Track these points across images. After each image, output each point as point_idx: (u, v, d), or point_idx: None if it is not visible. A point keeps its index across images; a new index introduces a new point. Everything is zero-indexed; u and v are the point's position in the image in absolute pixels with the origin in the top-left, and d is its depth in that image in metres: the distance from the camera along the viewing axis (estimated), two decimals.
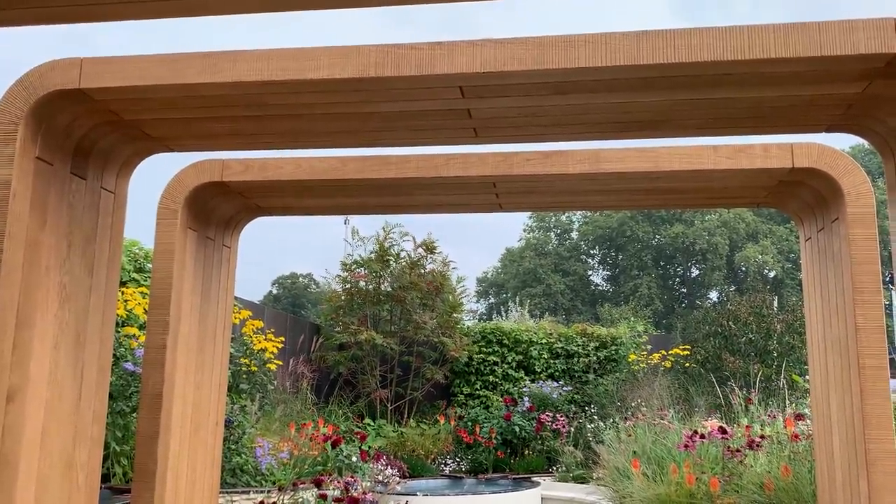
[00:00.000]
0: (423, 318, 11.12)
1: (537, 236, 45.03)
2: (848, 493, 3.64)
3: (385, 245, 11.56)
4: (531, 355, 11.97)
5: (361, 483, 6.82)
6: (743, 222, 38.92)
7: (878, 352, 3.54)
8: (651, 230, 41.42)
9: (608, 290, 43.27)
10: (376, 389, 11.20)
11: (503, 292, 42.74)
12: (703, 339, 10.30)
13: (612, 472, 5.98)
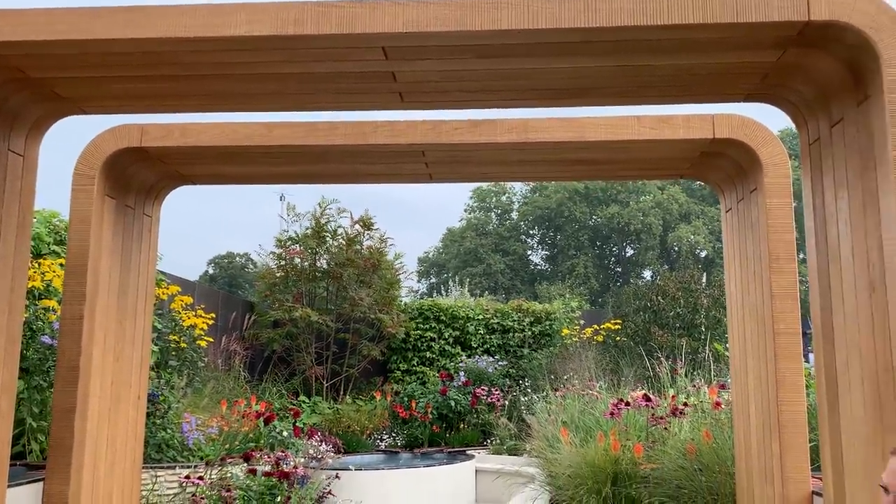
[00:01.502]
0: (360, 295, 11.06)
1: (478, 216, 45.20)
2: (762, 453, 3.78)
3: (321, 221, 11.43)
4: (468, 331, 12.05)
5: (294, 458, 6.76)
6: (676, 203, 39.82)
7: (791, 317, 3.66)
8: (588, 211, 42.04)
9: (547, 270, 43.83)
10: (312, 367, 11.11)
11: (444, 272, 42.85)
12: (634, 313, 10.53)
13: (542, 442, 6.08)
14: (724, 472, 4.42)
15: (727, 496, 4.29)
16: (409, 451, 9.91)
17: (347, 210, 11.57)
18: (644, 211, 39.59)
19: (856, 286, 2.75)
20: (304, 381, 11.24)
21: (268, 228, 65.22)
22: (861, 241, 2.70)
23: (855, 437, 2.82)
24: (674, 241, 38.79)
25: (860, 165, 2.71)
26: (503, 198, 45.37)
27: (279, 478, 5.82)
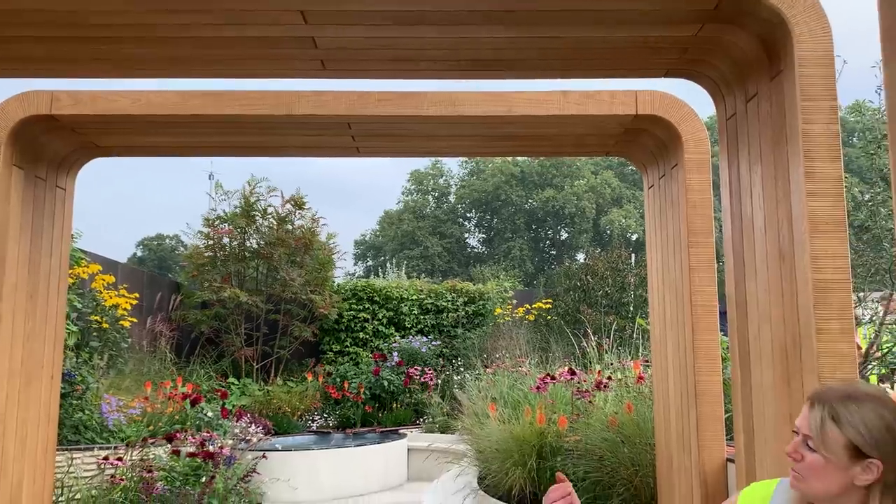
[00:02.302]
0: (292, 276, 10.90)
1: (416, 199, 45.10)
2: (680, 423, 3.88)
3: (251, 200, 11.19)
4: (402, 312, 12.03)
5: (221, 439, 6.64)
6: (609, 187, 40.55)
7: (707, 290, 3.75)
8: (524, 194, 42.43)
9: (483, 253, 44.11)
10: (241, 348, 10.92)
11: (381, 255, 42.69)
12: (564, 293, 10.70)
13: (472, 418, 6.12)
14: (645, 443, 4.53)
15: (647, 466, 4.40)
16: (341, 431, 9.86)
17: (278, 189, 11.35)
18: (578, 195, 40.19)
19: (767, 257, 2.83)
20: (234, 363, 11.04)
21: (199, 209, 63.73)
22: (773, 213, 2.78)
23: (765, 406, 2.91)
24: (606, 224, 39.53)
25: (772, 139, 2.78)
26: (440, 180, 45.38)
27: (204, 458, 5.70)
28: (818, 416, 1.64)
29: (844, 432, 1.61)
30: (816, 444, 1.63)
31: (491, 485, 5.35)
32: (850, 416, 1.62)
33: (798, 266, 2.57)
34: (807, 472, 1.64)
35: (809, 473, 1.63)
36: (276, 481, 7.71)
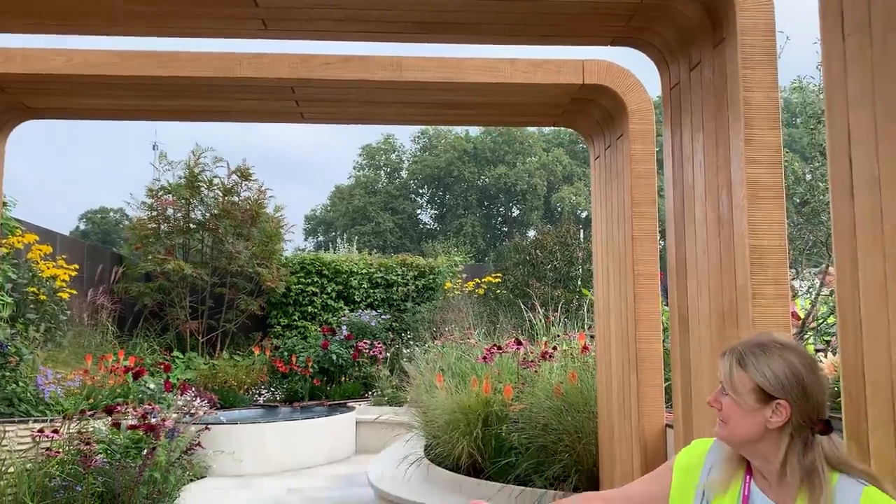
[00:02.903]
0: (238, 248, 10.71)
1: (367, 174, 44.72)
2: (622, 390, 3.94)
3: (195, 171, 10.93)
4: (351, 285, 11.95)
5: (163, 412, 6.52)
6: (560, 165, 40.83)
7: (649, 259, 3.80)
8: (476, 171, 42.45)
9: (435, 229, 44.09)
10: (186, 321, 10.71)
11: (332, 230, 42.31)
12: (514, 267, 10.76)
13: (419, 389, 6.13)
14: (588, 411, 4.59)
15: (590, 433, 4.47)
16: (288, 405, 9.79)
17: (224, 159, 11.11)
18: (530, 172, 40.38)
19: (707, 223, 2.87)
20: (179, 337, 10.84)
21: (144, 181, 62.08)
22: (713, 179, 2.81)
23: (702, 371, 2.97)
24: (557, 201, 39.85)
25: (714, 106, 2.81)
26: (393, 155, 45.07)
27: (146, 431, 5.60)
28: (728, 363, 1.72)
29: (751, 375, 1.67)
30: (728, 389, 1.70)
31: (437, 454, 5.38)
32: (755, 360, 1.68)
33: (736, 232, 2.62)
34: (725, 418, 1.71)
35: (727, 419, 1.70)
36: (221, 454, 7.63)
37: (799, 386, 1.65)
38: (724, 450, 1.80)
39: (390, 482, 5.18)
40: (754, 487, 1.73)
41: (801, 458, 1.65)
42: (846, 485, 1.61)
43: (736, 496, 1.74)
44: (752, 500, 1.72)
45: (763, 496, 1.71)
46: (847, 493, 1.59)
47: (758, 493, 1.72)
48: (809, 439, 1.66)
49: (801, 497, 1.64)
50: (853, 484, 1.61)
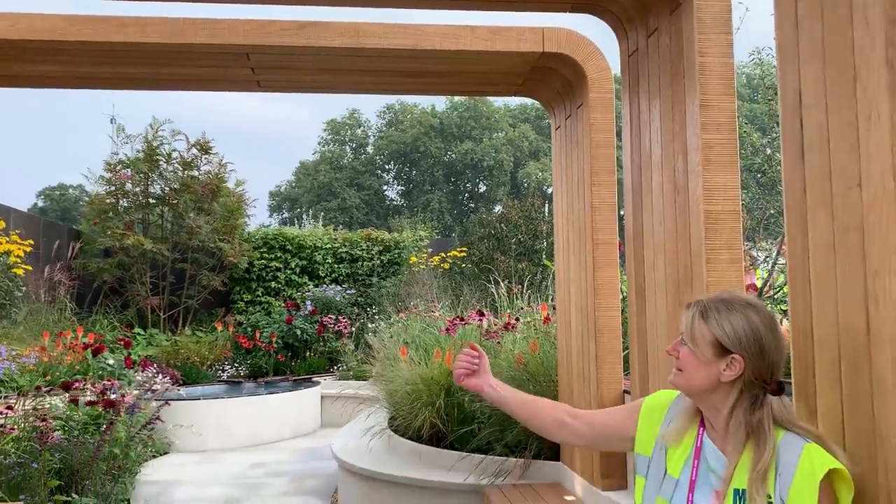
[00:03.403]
0: (198, 223, 10.54)
1: (332, 150, 44.28)
2: (581, 357, 3.96)
3: (154, 144, 10.70)
4: (315, 261, 11.87)
5: (123, 388, 6.43)
6: (526, 140, 40.86)
7: (608, 228, 3.81)
8: (443, 146, 42.29)
9: (402, 205, 43.92)
10: (147, 298, 10.56)
11: (297, 207, 41.89)
12: (479, 241, 10.76)
13: (383, 362, 6.12)
14: (549, 380, 4.62)
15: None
16: (252, 380, 9.73)
17: (182, 133, 10.89)
18: (496, 147, 40.35)
19: (663, 190, 2.88)
20: (140, 313, 10.68)
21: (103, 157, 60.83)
22: (669, 146, 2.82)
23: (658, 336, 2.99)
24: (524, 177, 39.92)
25: (671, 72, 2.80)
26: (358, 131, 44.67)
27: (105, 407, 5.51)
28: (691, 315, 1.76)
29: (711, 328, 1.71)
30: (687, 340, 1.74)
31: (400, 425, 5.39)
32: (717, 315, 1.71)
33: (691, 198, 2.63)
34: (681, 367, 1.75)
35: (683, 368, 1.74)
36: (184, 430, 7.57)
37: (756, 344, 1.68)
38: (684, 402, 1.84)
39: (353, 454, 5.18)
40: (706, 438, 1.77)
41: (748, 414, 1.68)
42: (790, 441, 1.64)
43: (690, 446, 1.78)
44: (704, 449, 1.75)
45: (713, 446, 1.74)
46: (790, 449, 1.63)
47: (709, 444, 1.75)
48: (760, 397, 1.69)
49: (748, 450, 1.67)
50: (797, 440, 1.64)
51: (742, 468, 1.66)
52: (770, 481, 1.62)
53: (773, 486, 1.62)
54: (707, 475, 1.72)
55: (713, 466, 1.72)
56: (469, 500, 4.30)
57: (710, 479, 1.71)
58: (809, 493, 1.58)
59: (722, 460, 1.71)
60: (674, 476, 1.77)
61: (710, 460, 1.73)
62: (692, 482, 1.74)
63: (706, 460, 1.74)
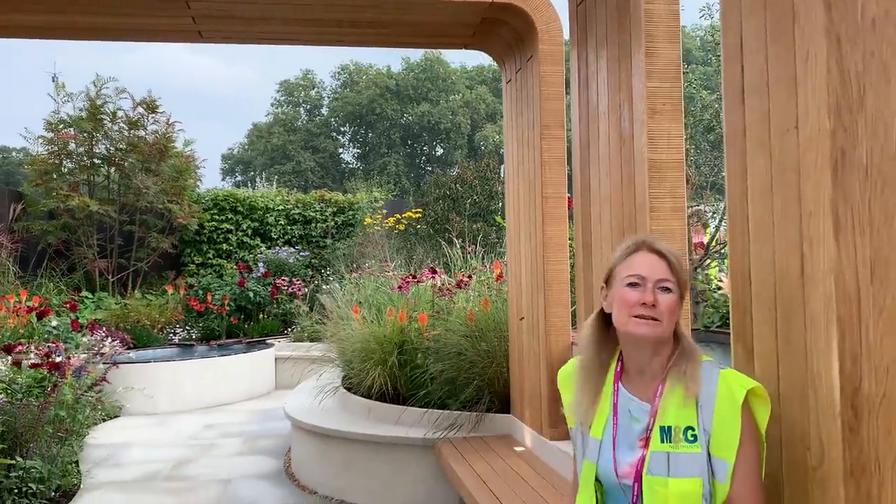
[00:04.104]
0: (146, 184, 10.26)
1: (286, 111, 43.49)
2: (531, 309, 3.98)
3: (97, 103, 10.34)
4: (268, 222, 11.69)
5: (70, 350, 6.29)
6: (483, 103, 40.67)
7: (558, 182, 3.81)
8: (399, 109, 41.86)
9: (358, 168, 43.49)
10: (94, 260, 10.29)
11: (251, 170, 41.17)
12: (434, 202, 10.72)
13: (336, 321, 6.09)
14: (500, 336, 4.65)
15: (501, 357, 4.54)
16: (205, 343, 9.61)
17: (127, 91, 10.54)
18: (453, 110, 40.11)
19: (609, 141, 2.88)
20: (87, 277, 10.43)
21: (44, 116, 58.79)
22: (615, 96, 2.80)
23: None
24: (481, 140, 39.82)
25: (617, 22, 2.78)
26: (312, 92, 43.93)
27: (50, 370, 5.39)
28: (671, 256, 1.71)
29: (685, 266, 1.73)
30: (671, 283, 1.68)
31: (353, 383, 5.39)
32: (678, 254, 1.72)
33: (636, 147, 2.63)
34: (661, 316, 1.67)
35: (663, 316, 1.67)
36: (136, 393, 7.47)
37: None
38: (580, 375, 1.79)
39: (306, 412, 5.17)
40: (623, 392, 1.76)
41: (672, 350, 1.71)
42: (705, 370, 1.67)
43: (607, 406, 1.76)
44: (622, 405, 1.74)
45: (631, 397, 1.74)
46: (706, 379, 1.65)
47: (627, 397, 1.75)
48: (680, 326, 1.72)
49: (671, 384, 1.68)
50: (711, 368, 1.67)
51: (667, 406, 1.67)
52: (692, 413, 1.65)
53: (696, 417, 1.64)
54: (630, 427, 1.72)
55: (637, 416, 1.71)
56: (421, 454, 4.34)
57: (633, 429, 1.71)
58: (732, 419, 1.61)
59: (645, 407, 1.71)
60: (597, 437, 1.76)
61: (633, 412, 1.72)
62: (614, 439, 1.73)
63: (628, 413, 1.73)
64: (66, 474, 5.03)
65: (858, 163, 1.55)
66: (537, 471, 3.53)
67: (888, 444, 1.53)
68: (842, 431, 1.58)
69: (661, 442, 1.66)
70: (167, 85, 62.38)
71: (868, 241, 1.53)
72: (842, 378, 1.58)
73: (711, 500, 1.66)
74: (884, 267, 1.49)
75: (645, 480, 1.66)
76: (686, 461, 1.63)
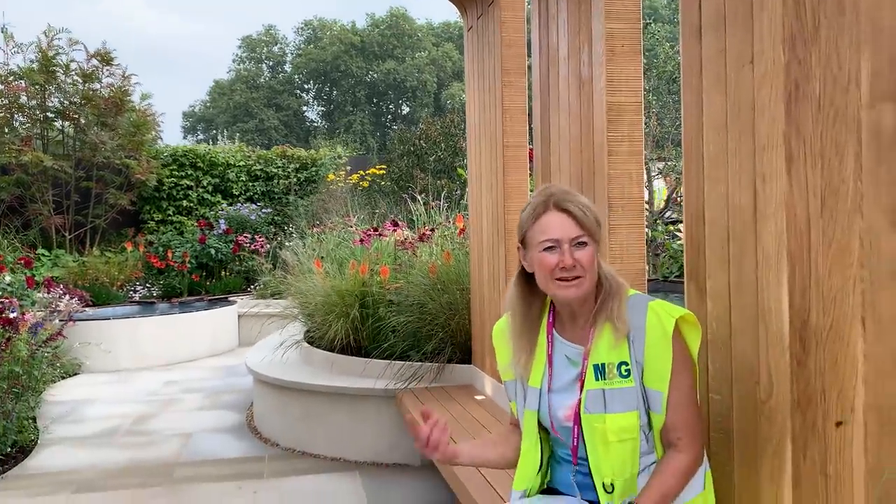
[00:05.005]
0: (102, 139, 9.98)
1: (248, 68, 42.58)
2: (492, 261, 3.98)
3: (49, 54, 9.98)
4: (229, 178, 11.49)
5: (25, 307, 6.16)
6: (450, 61, 40.23)
7: (519, 131, 3.78)
8: (365, 66, 41.22)
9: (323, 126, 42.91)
10: (50, 217, 10.04)
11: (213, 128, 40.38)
12: (398, 158, 10.62)
13: (298, 276, 6.03)
14: (462, 289, 4.64)
15: (463, 310, 4.54)
16: (166, 301, 9.49)
17: (80, 42, 10.18)
18: (419, 67, 39.63)
19: (569, 85, 2.84)
20: (44, 234, 10.18)
21: None
22: (574, 39, 2.76)
23: None
24: (447, 98, 39.47)
25: None
26: (275, 48, 43.04)
27: (3, 325, 5.27)
28: (578, 212, 1.67)
29: (596, 215, 1.69)
30: (586, 237, 1.66)
31: (315, 337, 5.36)
32: (580, 200, 1.69)
33: (595, 89, 2.60)
34: (583, 273, 1.66)
35: (586, 269, 1.66)
36: (96, 351, 7.36)
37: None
38: (514, 332, 1.79)
39: (268, 366, 5.14)
40: (558, 339, 1.76)
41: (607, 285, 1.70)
42: (633, 304, 1.68)
43: (542, 356, 1.76)
44: (557, 352, 1.75)
45: (565, 342, 1.75)
46: (635, 312, 1.66)
47: (561, 343, 1.75)
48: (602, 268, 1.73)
49: (600, 324, 1.68)
50: (639, 301, 1.68)
51: (599, 345, 1.68)
52: (625, 349, 1.66)
53: (628, 351, 1.65)
54: (568, 372, 1.73)
55: (575, 360, 1.72)
56: (383, 405, 4.35)
57: (571, 374, 1.72)
58: (664, 349, 1.63)
59: (580, 350, 1.72)
60: (535, 386, 1.77)
61: (571, 356, 1.73)
62: (550, 385, 1.75)
63: (565, 359, 1.74)
64: (23, 430, 4.96)
65: (812, 95, 1.54)
66: (497, 417, 3.56)
67: (834, 375, 1.55)
68: (790, 364, 1.60)
69: (595, 380, 1.67)
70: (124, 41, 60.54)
71: (819, 172, 1.53)
72: (791, 312, 1.60)
73: (650, 431, 1.68)
74: (834, 198, 1.49)
75: (584, 419, 1.67)
76: (621, 396, 1.65)
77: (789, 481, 1.61)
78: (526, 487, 1.80)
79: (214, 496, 3.87)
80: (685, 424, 1.66)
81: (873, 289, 1.42)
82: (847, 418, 1.51)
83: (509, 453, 1.89)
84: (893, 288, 1.35)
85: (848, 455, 1.49)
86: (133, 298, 9.48)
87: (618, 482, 1.64)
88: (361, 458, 4.35)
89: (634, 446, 1.65)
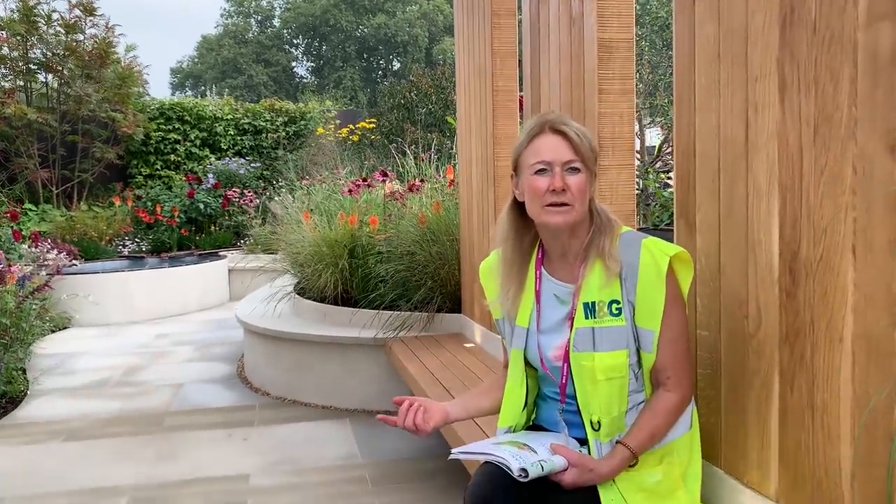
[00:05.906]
0: (87, 91, 9.81)
1: (236, 23, 41.82)
2: (481, 207, 3.94)
3: (30, 3, 9.73)
4: (217, 132, 11.34)
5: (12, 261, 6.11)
6: (441, 14, 39.58)
7: (509, 74, 3.71)
8: (355, 20, 40.54)
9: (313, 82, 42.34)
10: (36, 171, 9.91)
11: (201, 84, 39.81)
12: (388, 111, 10.49)
13: (287, 229, 5.99)
14: (452, 239, 4.62)
15: (453, 259, 4.52)
16: (156, 255, 9.44)
17: None
18: (410, 22, 39.01)
19: (560, 24, 2.78)
20: (30, 188, 10.06)
21: None
22: None
23: None
24: (439, 53, 38.94)
25: None
26: (263, 2, 42.23)
27: None
28: (573, 135, 1.63)
29: (592, 140, 1.66)
30: (578, 162, 1.62)
31: (305, 288, 5.35)
32: (577, 124, 1.65)
33: (586, 26, 2.54)
34: (573, 200, 1.61)
35: (576, 197, 1.61)
36: (86, 304, 7.34)
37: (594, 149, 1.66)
38: (503, 267, 1.76)
39: (259, 317, 5.13)
40: (546, 277, 1.73)
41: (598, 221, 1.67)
42: (626, 241, 1.64)
43: (531, 294, 1.74)
44: (546, 290, 1.73)
45: (554, 281, 1.72)
46: (628, 250, 1.63)
47: (550, 281, 1.72)
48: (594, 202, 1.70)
49: (591, 261, 1.65)
50: (632, 239, 1.64)
51: (590, 283, 1.64)
52: (616, 287, 1.63)
53: (620, 290, 1.62)
54: (557, 311, 1.70)
55: (564, 299, 1.70)
56: (373, 354, 4.35)
57: (560, 312, 1.70)
58: (657, 288, 1.60)
59: (570, 289, 1.69)
60: (523, 326, 1.75)
61: (560, 295, 1.70)
62: (538, 324, 1.72)
63: (554, 298, 1.71)
64: (13, 381, 4.95)
65: (807, 18, 1.49)
66: (486, 364, 3.57)
67: (823, 306, 1.53)
68: (779, 297, 1.59)
69: (585, 318, 1.64)
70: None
71: (813, 99, 1.49)
72: (781, 244, 1.58)
73: (640, 370, 1.67)
74: (827, 125, 1.46)
75: (572, 357, 1.65)
76: (611, 334, 1.62)
77: (776, 413, 1.61)
78: (511, 424, 1.79)
79: (205, 443, 3.89)
80: (675, 364, 1.64)
81: (866, 216, 1.39)
82: (835, 348, 1.49)
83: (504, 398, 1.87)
84: (886, 213, 1.32)
85: (835, 385, 1.48)
86: (122, 253, 9.42)
87: (605, 420, 1.63)
88: (352, 406, 4.37)
89: (623, 385, 1.64)
